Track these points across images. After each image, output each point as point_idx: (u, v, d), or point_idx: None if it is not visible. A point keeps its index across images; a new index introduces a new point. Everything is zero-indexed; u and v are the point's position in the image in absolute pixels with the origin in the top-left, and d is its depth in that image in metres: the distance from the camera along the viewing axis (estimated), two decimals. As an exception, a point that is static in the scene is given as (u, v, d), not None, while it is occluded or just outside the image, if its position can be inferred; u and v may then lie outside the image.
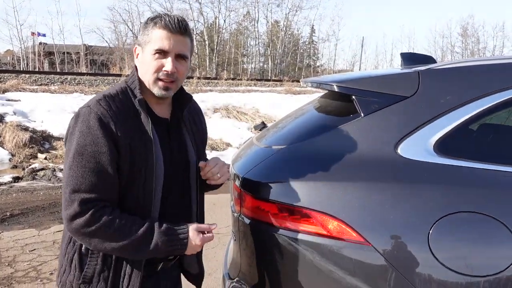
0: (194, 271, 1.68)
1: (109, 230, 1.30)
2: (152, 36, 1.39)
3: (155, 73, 1.40)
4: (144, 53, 1.42)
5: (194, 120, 1.65)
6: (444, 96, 1.53)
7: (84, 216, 1.29)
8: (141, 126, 1.39)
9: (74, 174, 1.31)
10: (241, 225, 1.65)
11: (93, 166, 1.31)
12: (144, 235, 1.33)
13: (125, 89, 1.44)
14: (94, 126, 1.31)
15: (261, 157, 1.68)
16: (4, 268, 3.59)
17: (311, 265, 1.46)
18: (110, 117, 1.33)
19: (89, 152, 1.31)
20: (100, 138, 1.31)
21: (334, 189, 1.45)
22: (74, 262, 1.41)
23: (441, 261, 1.32)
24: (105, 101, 1.37)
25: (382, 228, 1.38)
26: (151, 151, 1.39)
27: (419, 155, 1.45)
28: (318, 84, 1.87)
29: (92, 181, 1.31)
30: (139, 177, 1.38)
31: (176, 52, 1.40)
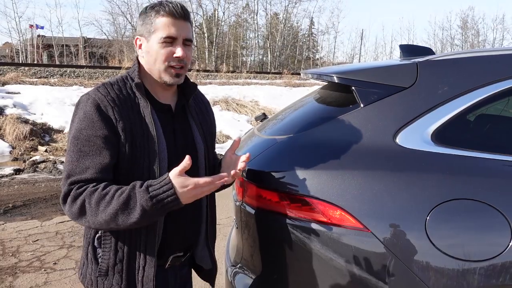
0: (206, 266, 1.64)
1: (93, 200, 1.26)
2: (158, 25, 1.38)
3: (165, 61, 1.40)
4: (150, 43, 1.41)
5: (201, 110, 1.64)
6: (442, 87, 1.56)
7: (70, 193, 1.30)
8: (141, 112, 1.39)
9: (70, 159, 1.32)
10: (243, 213, 1.69)
11: (87, 150, 1.31)
12: (126, 199, 1.25)
13: (126, 77, 1.45)
14: (90, 111, 1.32)
15: (263, 147, 1.72)
16: (8, 258, 3.64)
17: (312, 251, 1.50)
18: (107, 102, 1.33)
19: (84, 135, 1.31)
20: (96, 121, 1.31)
21: (334, 178, 1.49)
22: (89, 255, 1.43)
23: (438, 247, 1.36)
24: (104, 88, 1.38)
25: (381, 215, 1.42)
26: (152, 134, 1.38)
27: (417, 145, 1.49)
28: (318, 75, 1.91)
29: (85, 164, 1.30)
30: (142, 161, 1.36)
31: (184, 37, 1.40)
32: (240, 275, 1.75)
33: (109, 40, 35.04)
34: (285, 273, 1.59)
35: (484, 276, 1.37)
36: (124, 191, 1.27)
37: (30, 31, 29.77)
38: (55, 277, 3.34)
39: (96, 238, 1.41)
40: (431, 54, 2.05)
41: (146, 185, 1.27)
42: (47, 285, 3.21)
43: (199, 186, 1.26)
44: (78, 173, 1.31)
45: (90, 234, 1.43)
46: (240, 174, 1.49)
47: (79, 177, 1.31)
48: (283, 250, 1.57)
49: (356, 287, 1.45)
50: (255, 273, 1.68)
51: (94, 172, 1.31)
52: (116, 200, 1.26)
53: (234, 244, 1.92)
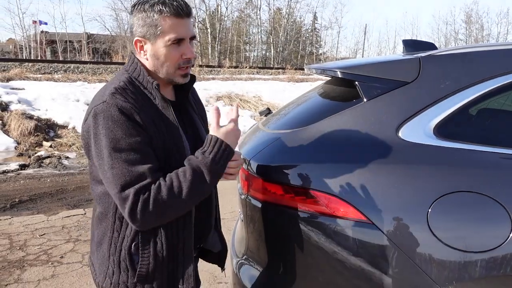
0: (216, 249, 1.67)
1: (163, 195, 1.25)
2: (164, 27, 1.31)
3: (176, 63, 1.37)
4: (156, 46, 1.34)
5: (196, 100, 1.65)
6: (444, 81, 1.59)
7: (138, 203, 1.24)
8: (162, 113, 1.36)
9: (119, 172, 1.24)
10: (248, 206, 1.72)
11: (134, 158, 1.25)
12: (193, 175, 1.28)
13: (130, 79, 1.38)
14: (120, 119, 1.25)
15: (268, 141, 1.74)
16: (16, 251, 3.70)
17: (316, 243, 1.53)
18: (131, 107, 1.28)
19: (124, 145, 1.25)
20: (131, 128, 1.26)
21: (338, 171, 1.52)
22: (123, 263, 1.37)
23: (440, 238, 1.39)
24: (119, 93, 1.30)
25: (384, 208, 1.44)
26: (178, 134, 1.38)
27: (420, 138, 1.51)
28: (322, 70, 1.93)
29: (139, 171, 1.25)
30: (174, 160, 1.35)
31: (190, 36, 1.37)
32: (246, 266, 1.79)
33: (112, 36, 35.09)
34: (289, 264, 1.62)
35: (485, 267, 1.39)
36: (185, 170, 1.29)
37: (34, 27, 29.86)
38: (62, 270, 3.39)
39: (133, 245, 1.36)
40: (434, 49, 2.07)
41: (201, 152, 1.33)
42: (54, 278, 3.26)
43: (233, 124, 1.41)
44: (135, 181, 1.25)
45: (126, 242, 1.37)
46: None
47: (139, 185, 1.25)
48: (288, 242, 1.60)
49: (360, 278, 1.48)
50: (260, 264, 1.72)
51: (151, 175, 1.26)
52: (185, 181, 1.28)
53: (240, 236, 1.96)
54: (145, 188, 1.25)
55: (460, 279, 1.39)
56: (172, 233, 1.37)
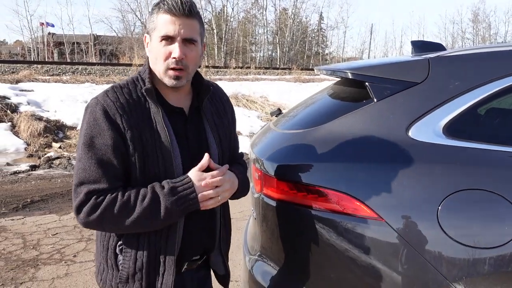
0: (220, 272, 1.62)
1: (114, 208, 1.26)
2: (157, 22, 1.32)
3: (165, 62, 1.33)
4: (152, 41, 1.36)
5: (218, 111, 1.55)
6: (453, 82, 1.62)
7: (88, 203, 1.27)
8: (152, 118, 1.34)
9: (82, 166, 1.29)
10: (262, 204, 1.76)
11: (99, 158, 1.28)
12: (150, 203, 1.27)
13: (136, 79, 1.40)
14: (100, 118, 1.29)
15: (280, 140, 1.79)
16: (30, 250, 3.77)
17: (328, 240, 1.57)
18: (116, 109, 1.30)
19: (95, 144, 1.28)
20: (106, 130, 1.28)
21: (350, 169, 1.56)
22: (110, 261, 1.41)
23: (450, 235, 1.42)
24: (113, 93, 1.33)
25: (395, 205, 1.48)
26: (165, 142, 1.33)
27: (429, 138, 1.55)
28: (332, 71, 1.97)
29: (98, 173, 1.28)
30: (156, 170, 1.33)
31: (183, 36, 1.31)
32: (259, 262, 1.83)
33: (119, 37, 35.31)
34: (302, 261, 1.66)
35: (494, 263, 1.42)
36: (146, 195, 1.28)
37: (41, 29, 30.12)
38: (75, 268, 3.45)
39: (117, 245, 1.39)
40: (442, 50, 2.10)
41: (169, 187, 1.29)
42: (68, 277, 3.32)
43: (212, 176, 1.33)
44: (92, 182, 1.28)
45: (112, 241, 1.40)
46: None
47: (95, 186, 1.28)
48: (301, 239, 1.64)
49: (371, 275, 1.51)
50: (274, 261, 1.76)
51: (109, 181, 1.29)
52: (140, 206, 1.27)
53: (252, 233, 2.00)
54: (98, 192, 1.28)
55: (470, 275, 1.43)
56: (155, 240, 1.36)
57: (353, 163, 1.57)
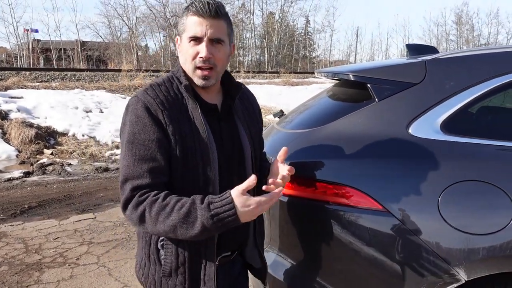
0: (256, 265, 1.64)
1: (153, 210, 1.28)
2: (186, 24, 1.38)
3: (192, 61, 1.39)
4: (182, 42, 1.42)
5: (247, 109, 1.61)
6: (448, 82, 1.75)
7: (132, 200, 1.31)
8: (190, 113, 1.39)
9: (126, 163, 1.33)
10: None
11: (143, 153, 1.32)
12: (187, 214, 1.27)
13: (172, 77, 1.45)
14: (142, 115, 1.33)
15: (287, 139, 1.90)
16: (32, 255, 3.81)
17: (336, 231, 1.67)
18: (157, 105, 1.34)
19: (138, 140, 1.33)
20: (149, 126, 1.32)
21: (355, 165, 1.67)
22: (152, 256, 1.45)
23: (449, 222, 1.54)
24: (152, 90, 1.39)
25: (398, 197, 1.60)
26: (203, 136, 1.38)
27: (428, 134, 1.67)
28: (334, 74, 2.09)
29: (142, 168, 1.32)
30: (196, 164, 1.37)
31: (210, 36, 1.37)
32: (270, 253, 1.92)
33: (106, 43, 35.15)
34: (311, 252, 1.77)
35: (490, 248, 1.54)
36: (185, 204, 1.28)
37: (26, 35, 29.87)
38: (79, 271, 3.51)
39: (159, 241, 1.44)
40: (435, 52, 2.24)
41: (207, 202, 1.28)
42: (73, 279, 3.38)
43: (260, 204, 1.27)
44: (136, 178, 1.32)
45: (154, 236, 1.44)
46: (281, 184, 1.49)
47: (138, 182, 1.32)
48: (309, 231, 1.75)
49: (376, 263, 1.62)
50: (284, 253, 1.86)
51: (153, 176, 1.32)
52: (176, 213, 1.27)
53: (262, 229, 2.10)
54: (143, 188, 1.31)
55: (469, 260, 1.54)
56: None
57: (358, 159, 1.69)
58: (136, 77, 14.63)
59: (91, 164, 7.74)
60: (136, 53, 32.96)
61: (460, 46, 43.30)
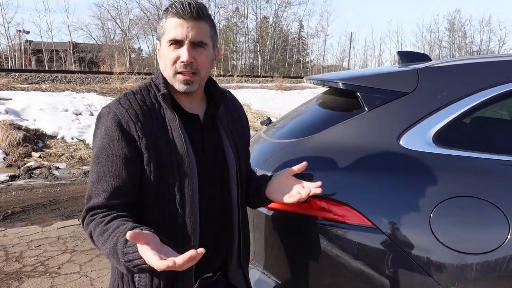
0: (240, 287, 1.50)
1: (96, 233, 1.20)
2: (166, 27, 1.28)
3: (173, 66, 1.29)
4: (162, 47, 1.31)
5: (233, 118, 1.50)
6: (441, 92, 1.67)
7: (85, 219, 1.25)
8: (168, 124, 1.29)
9: (91, 179, 1.26)
10: (255, 212, 1.77)
11: (106, 170, 1.23)
12: (113, 247, 1.14)
13: (149, 85, 1.35)
14: (111, 128, 1.24)
15: (273, 150, 1.81)
16: (12, 263, 3.68)
17: (323, 248, 1.59)
18: (129, 117, 1.25)
19: (104, 155, 1.24)
20: (116, 140, 1.23)
21: (343, 178, 1.59)
22: (125, 277, 1.32)
23: (442, 242, 1.45)
24: (125, 100, 1.28)
25: (388, 213, 1.51)
26: (181, 150, 1.27)
27: (420, 146, 1.59)
28: (323, 81, 2.00)
29: (102, 187, 1.23)
30: (172, 180, 1.26)
31: (191, 39, 1.26)
32: (253, 270, 1.83)
33: (98, 45, 34.95)
34: (296, 268, 1.68)
35: (485, 269, 1.46)
36: (115, 235, 1.14)
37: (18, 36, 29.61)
38: (60, 281, 3.39)
39: None
40: (428, 60, 2.16)
41: (122, 250, 1.10)
42: (53, 289, 3.25)
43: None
44: (95, 196, 1.24)
45: None
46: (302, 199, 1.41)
47: (95, 201, 1.24)
48: (295, 247, 1.66)
49: (363, 281, 1.54)
50: (268, 270, 1.77)
51: (107, 197, 1.23)
52: (110, 242, 1.15)
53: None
54: (95, 209, 1.23)
55: (461, 281, 1.46)
56: None
57: (346, 171, 1.60)
58: (128, 80, 14.51)
59: (79, 168, 7.60)
60: (129, 56, 32.80)
61: (453, 53, 43.62)
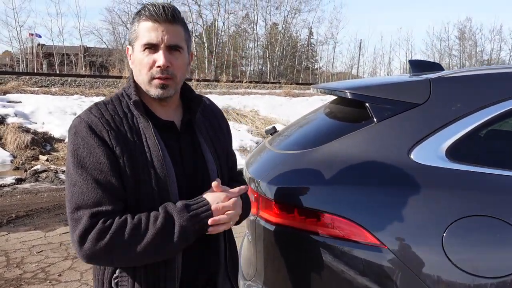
0: None
1: (125, 232, 1.13)
2: (139, 31, 1.23)
3: (148, 72, 1.24)
4: (134, 52, 1.26)
5: (212, 124, 1.45)
6: (455, 104, 1.59)
7: (94, 228, 1.13)
8: (142, 132, 1.24)
9: (78, 190, 1.16)
10: (258, 227, 1.70)
11: (96, 178, 1.16)
12: (164, 222, 1.16)
13: (121, 94, 1.30)
14: (87, 137, 1.18)
15: (278, 161, 1.73)
16: (13, 269, 3.63)
17: (326, 266, 1.51)
18: (102, 125, 1.20)
19: (88, 164, 1.17)
20: (96, 148, 1.17)
21: (350, 193, 1.51)
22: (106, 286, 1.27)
23: (455, 263, 1.37)
24: (97, 109, 1.24)
25: (397, 231, 1.43)
26: (157, 158, 1.22)
27: (432, 161, 1.51)
28: (330, 90, 1.93)
29: (98, 193, 1.16)
30: (149, 189, 1.21)
31: (167, 43, 1.22)
32: (254, 289, 1.76)
33: (109, 49, 35.21)
34: (297, 285, 1.59)
35: (499, 292, 1.37)
36: (158, 216, 1.17)
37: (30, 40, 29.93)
38: (60, 289, 3.33)
39: (113, 278, 1.26)
40: (441, 69, 2.08)
41: (183, 204, 1.20)
42: (52, 297, 3.20)
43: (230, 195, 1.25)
44: (94, 204, 1.15)
45: (106, 274, 1.27)
46: None
47: (98, 208, 1.15)
48: (298, 265, 1.58)
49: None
50: (268, 286, 1.69)
51: (112, 201, 1.17)
52: (153, 227, 1.15)
53: (247, 257, 1.93)
54: (104, 215, 1.15)
55: (475, 305, 1.37)
56: (153, 268, 1.24)
57: (354, 186, 1.52)
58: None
59: (85, 173, 7.57)
60: (139, 60, 32.83)
61: (463, 62, 43.27)
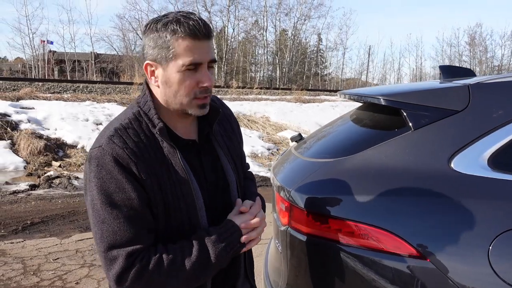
0: None
1: (163, 270, 1.13)
2: (177, 50, 1.13)
3: (191, 92, 1.17)
4: (168, 72, 1.16)
5: (226, 131, 1.42)
6: (496, 110, 1.53)
7: (133, 269, 1.11)
8: (167, 159, 1.19)
9: (109, 228, 1.12)
10: (289, 238, 1.64)
11: (127, 215, 1.12)
12: (199, 255, 1.16)
13: (138, 114, 1.22)
14: (113, 171, 1.12)
15: (309, 170, 1.68)
16: (30, 277, 3.61)
17: (361, 278, 1.45)
18: (128, 157, 1.13)
19: (117, 200, 1.12)
20: (125, 183, 1.12)
21: (388, 203, 1.45)
22: None
23: (502, 278, 1.30)
24: (118, 137, 1.15)
25: (439, 243, 1.37)
26: (186, 185, 1.20)
27: (474, 170, 1.44)
28: (360, 96, 1.88)
29: (131, 232, 1.12)
30: (178, 213, 1.19)
31: (209, 60, 1.17)
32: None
33: (119, 56, 35.51)
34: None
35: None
36: (192, 248, 1.17)
37: (42, 47, 30.29)
38: (78, 297, 3.29)
39: None
40: (472, 75, 2.02)
41: (216, 236, 1.19)
42: (70, 306, 3.16)
43: (253, 215, 1.26)
44: (129, 243, 1.12)
45: None
46: None
47: (134, 247, 1.12)
48: (333, 277, 1.52)
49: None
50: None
51: (145, 238, 1.15)
52: (188, 260, 1.15)
53: (276, 267, 1.87)
54: (139, 252, 1.13)
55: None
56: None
57: (392, 196, 1.47)
58: (147, 91, 14.55)
59: (98, 179, 7.57)
60: (149, 67, 33.09)
61: (473, 67, 42.95)
